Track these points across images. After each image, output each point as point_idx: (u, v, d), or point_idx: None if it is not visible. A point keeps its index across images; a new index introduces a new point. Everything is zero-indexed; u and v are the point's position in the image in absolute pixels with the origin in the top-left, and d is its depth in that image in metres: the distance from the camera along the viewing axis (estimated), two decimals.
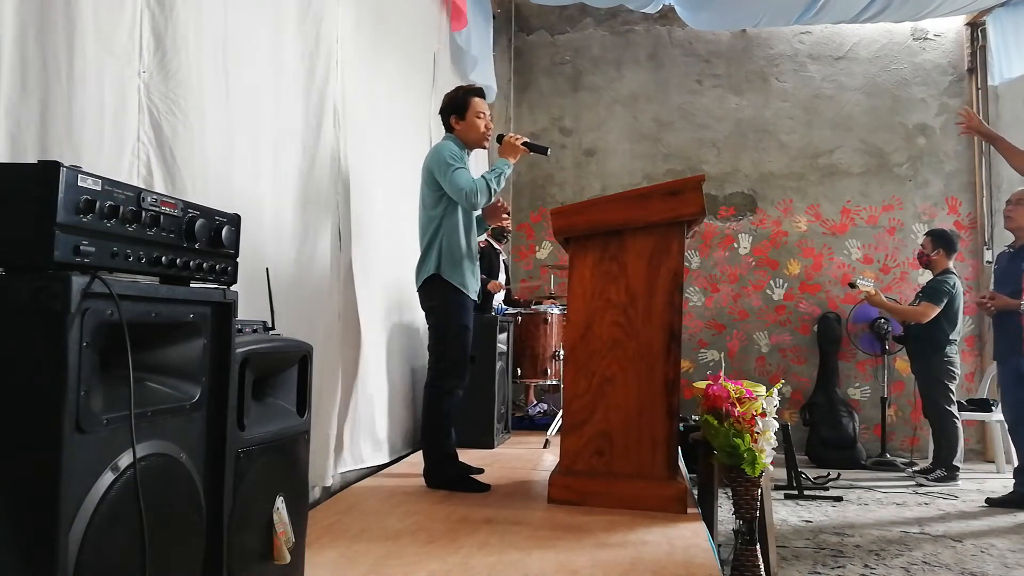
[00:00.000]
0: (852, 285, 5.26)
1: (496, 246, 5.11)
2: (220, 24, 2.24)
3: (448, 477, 3.13)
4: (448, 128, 3.28)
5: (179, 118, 1.99)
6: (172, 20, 1.98)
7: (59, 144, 1.64)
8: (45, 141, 1.61)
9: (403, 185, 3.86)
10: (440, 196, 3.15)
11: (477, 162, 5.16)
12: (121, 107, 1.84)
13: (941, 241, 5.03)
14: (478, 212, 3.34)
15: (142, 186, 1.54)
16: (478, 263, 3.32)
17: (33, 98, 1.59)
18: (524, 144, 3.25)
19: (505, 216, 3.73)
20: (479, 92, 3.30)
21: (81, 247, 1.09)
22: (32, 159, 1.44)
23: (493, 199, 3.21)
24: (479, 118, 3.23)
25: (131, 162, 1.87)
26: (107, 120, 1.79)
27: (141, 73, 1.89)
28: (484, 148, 3.38)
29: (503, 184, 3.20)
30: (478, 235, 3.47)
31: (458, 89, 3.33)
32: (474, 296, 3.26)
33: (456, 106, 3.24)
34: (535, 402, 5.46)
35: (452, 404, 3.17)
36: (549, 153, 3.40)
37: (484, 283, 4.59)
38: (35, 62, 1.60)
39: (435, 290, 3.16)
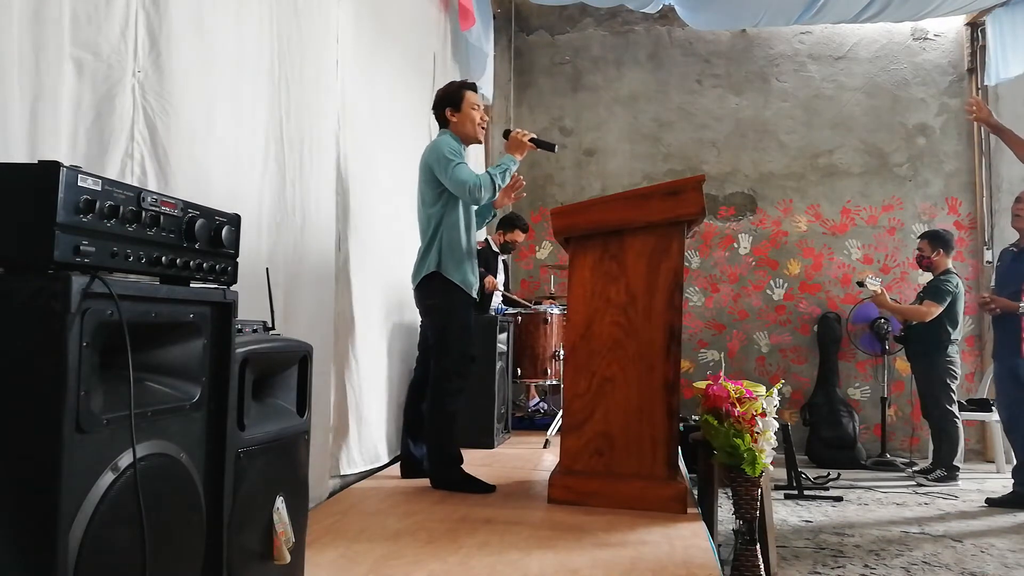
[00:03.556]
0: (860, 284, 5.27)
1: (495, 249, 5.11)
2: (217, 24, 2.24)
3: (454, 478, 3.12)
4: (443, 122, 3.26)
5: (172, 118, 1.99)
6: (167, 20, 1.98)
7: (58, 144, 1.64)
8: (38, 140, 1.61)
9: (403, 185, 3.85)
10: (440, 193, 3.13)
11: (477, 160, 5.17)
12: (117, 107, 1.84)
13: (939, 242, 5.05)
14: (481, 205, 3.32)
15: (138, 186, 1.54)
16: (476, 261, 3.31)
17: (29, 97, 1.59)
18: (532, 140, 3.22)
19: (521, 194, 3.57)
20: (472, 86, 3.31)
21: (81, 247, 1.09)
22: (32, 159, 1.44)
23: (497, 195, 3.20)
24: (474, 110, 3.22)
25: (125, 162, 1.86)
26: (104, 120, 1.79)
27: (136, 72, 1.89)
28: (480, 142, 3.36)
29: (508, 180, 3.19)
30: (478, 230, 3.47)
31: (451, 84, 3.33)
32: (474, 294, 3.24)
33: (451, 99, 3.23)
34: (536, 398, 5.46)
35: (457, 404, 3.15)
36: (557, 150, 3.35)
37: (480, 277, 4.58)
38: (30, 61, 1.60)
39: (435, 288, 3.14)
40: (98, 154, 1.76)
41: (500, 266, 5.20)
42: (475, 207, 3.29)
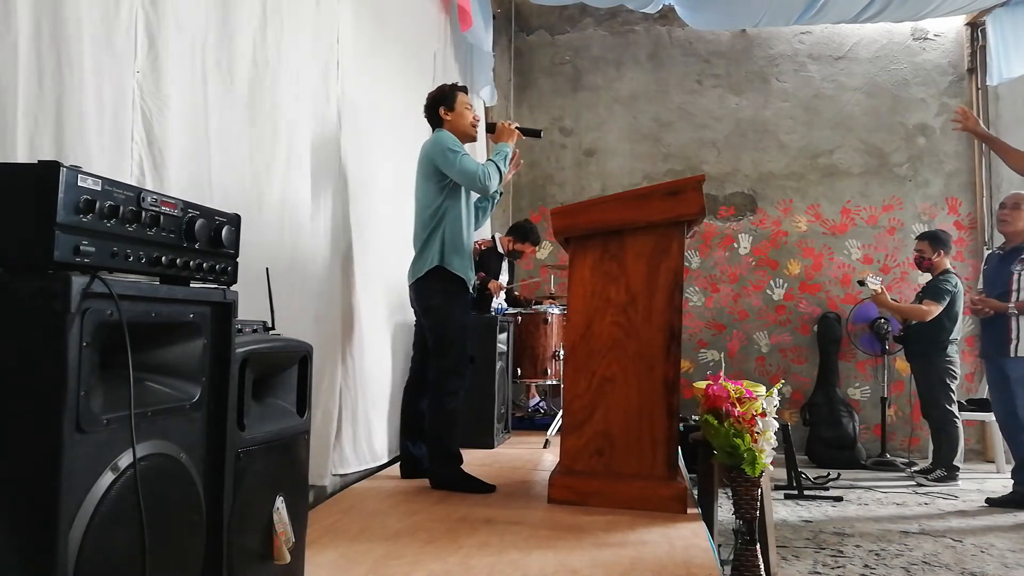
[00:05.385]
0: (861, 283, 5.27)
1: (500, 250, 5.12)
2: (216, 25, 2.24)
3: (454, 478, 3.12)
4: (437, 122, 3.28)
5: (169, 119, 1.98)
6: (165, 20, 1.98)
7: (73, 144, 1.64)
8: (61, 141, 1.62)
9: (403, 185, 3.85)
10: (442, 187, 3.15)
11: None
12: (120, 107, 1.84)
13: (939, 243, 5.06)
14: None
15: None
16: (472, 261, 3.34)
17: (49, 97, 1.59)
18: (518, 129, 3.35)
19: (519, 162, 3.74)
20: (464, 88, 3.36)
21: (81, 247, 1.09)
22: (48, 158, 1.44)
23: (503, 183, 3.28)
24: (467, 109, 3.30)
25: (126, 162, 1.86)
26: (110, 120, 1.79)
27: (135, 73, 1.89)
28: (474, 139, 3.43)
29: (508, 166, 3.27)
30: (488, 212, 3.58)
31: (442, 86, 3.37)
32: (471, 291, 3.28)
33: (445, 99, 3.28)
34: (536, 398, 5.46)
35: (457, 404, 3.16)
36: (542, 135, 3.59)
37: (484, 282, 4.59)
38: (50, 61, 1.60)
39: (434, 288, 3.14)
40: (96, 154, 1.76)
41: (504, 266, 5.20)
42: (475, 201, 3.36)
